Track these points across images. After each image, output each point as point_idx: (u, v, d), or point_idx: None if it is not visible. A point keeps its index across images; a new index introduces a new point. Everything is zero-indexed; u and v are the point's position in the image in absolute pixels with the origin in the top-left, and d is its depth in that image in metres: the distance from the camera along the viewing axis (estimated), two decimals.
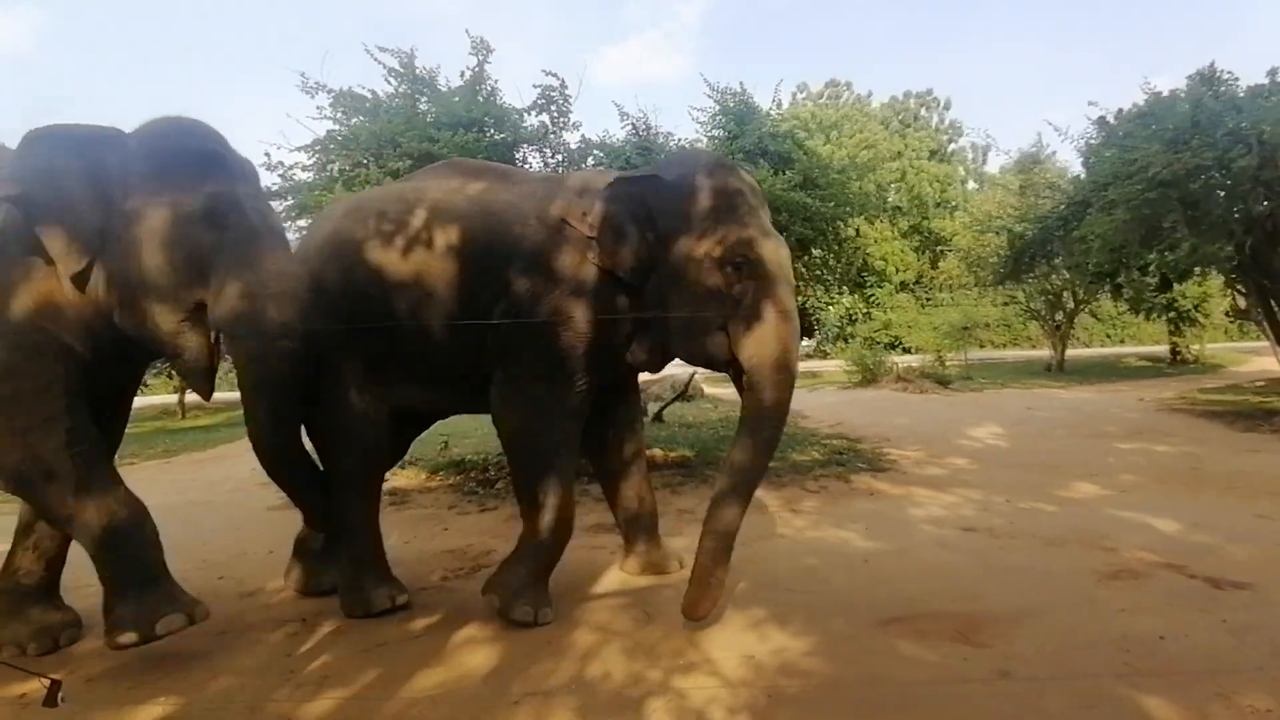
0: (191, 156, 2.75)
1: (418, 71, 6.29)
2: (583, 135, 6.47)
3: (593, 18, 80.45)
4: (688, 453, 7.38)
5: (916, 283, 29.67)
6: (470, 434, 8.93)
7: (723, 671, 2.55)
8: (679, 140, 6.80)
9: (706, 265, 3.01)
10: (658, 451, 7.34)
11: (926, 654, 2.66)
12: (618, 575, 3.71)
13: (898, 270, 29.26)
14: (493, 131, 6.13)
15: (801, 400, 7.71)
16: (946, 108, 32.51)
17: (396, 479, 6.61)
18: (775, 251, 3.06)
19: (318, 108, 5.98)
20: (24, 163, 2.61)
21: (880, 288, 28.76)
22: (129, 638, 2.59)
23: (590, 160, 6.50)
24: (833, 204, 6.28)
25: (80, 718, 2.37)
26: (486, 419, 3.54)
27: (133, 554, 2.71)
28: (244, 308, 2.65)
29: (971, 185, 31.70)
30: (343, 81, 6.21)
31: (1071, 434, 7.72)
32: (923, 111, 32.50)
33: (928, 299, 28.45)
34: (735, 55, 59.62)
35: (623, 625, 3.03)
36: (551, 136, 6.26)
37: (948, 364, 18.74)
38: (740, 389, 3.09)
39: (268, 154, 6.08)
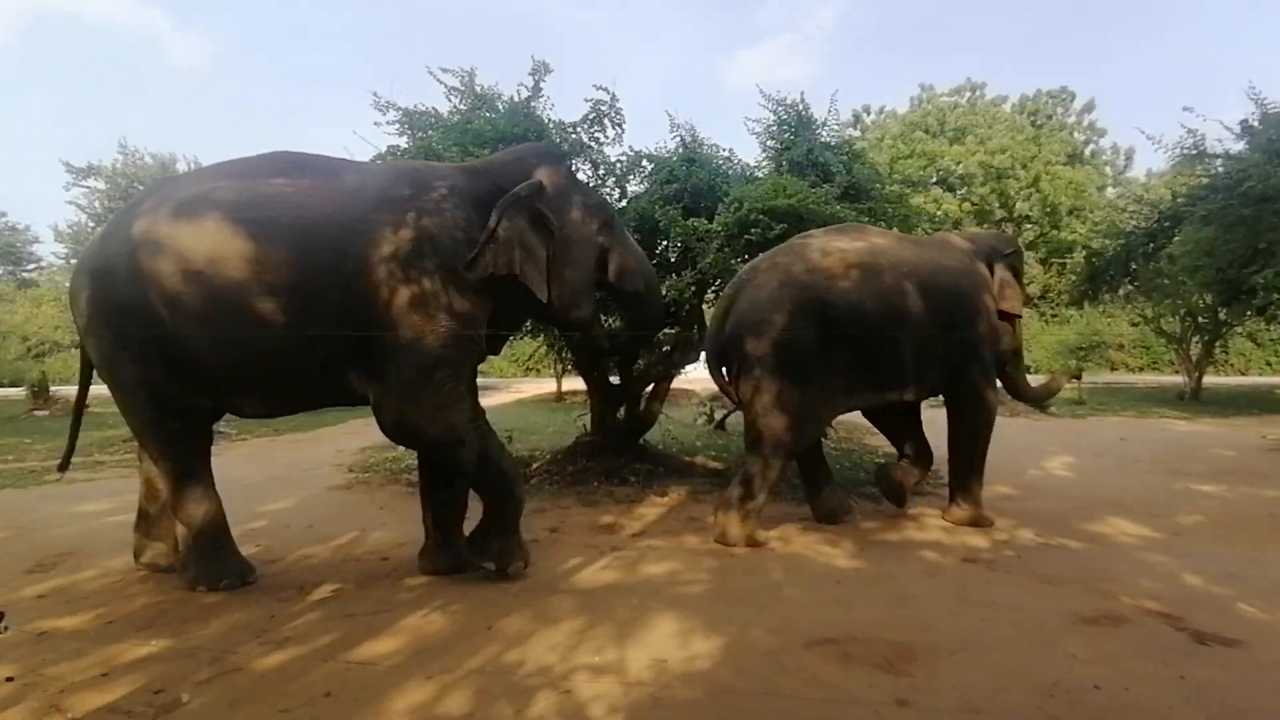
0: (577, 187, 4.19)
1: (477, 90, 6.71)
2: (630, 146, 6.69)
3: (727, 22, 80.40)
4: (729, 460, 7.43)
5: (1041, 297, 27.67)
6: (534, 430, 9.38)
7: (627, 672, 2.68)
8: (727, 150, 6.88)
9: None
10: (700, 459, 7.45)
11: (835, 675, 2.67)
12: (596, 574, 3.88)
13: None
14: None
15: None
16: (1089, 109, 30.07)
17: None
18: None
19: (389, 123, 6.51)
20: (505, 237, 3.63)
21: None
22: (516, 567, 3.75)
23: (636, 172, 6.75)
24: (875, 218, 6.13)
25: (75, 652, 2.85)
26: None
27: (514, 501, 3.76)
28: (633, 282, 4.25)
29: (1111, 191, 29.20)
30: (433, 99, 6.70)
31: (1152, 470, 7.08)
32: (1058, 110, 30.24)
33: (1052, 315, 26.48)
34: (870, 57, 57.89)
35: (565, 619, 3.21)
36: (595, 149, 6.50)
37: (1065, 387, 17.49)
38: None
39: None
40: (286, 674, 2.67)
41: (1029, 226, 28.98)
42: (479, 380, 4.66)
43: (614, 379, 7.28)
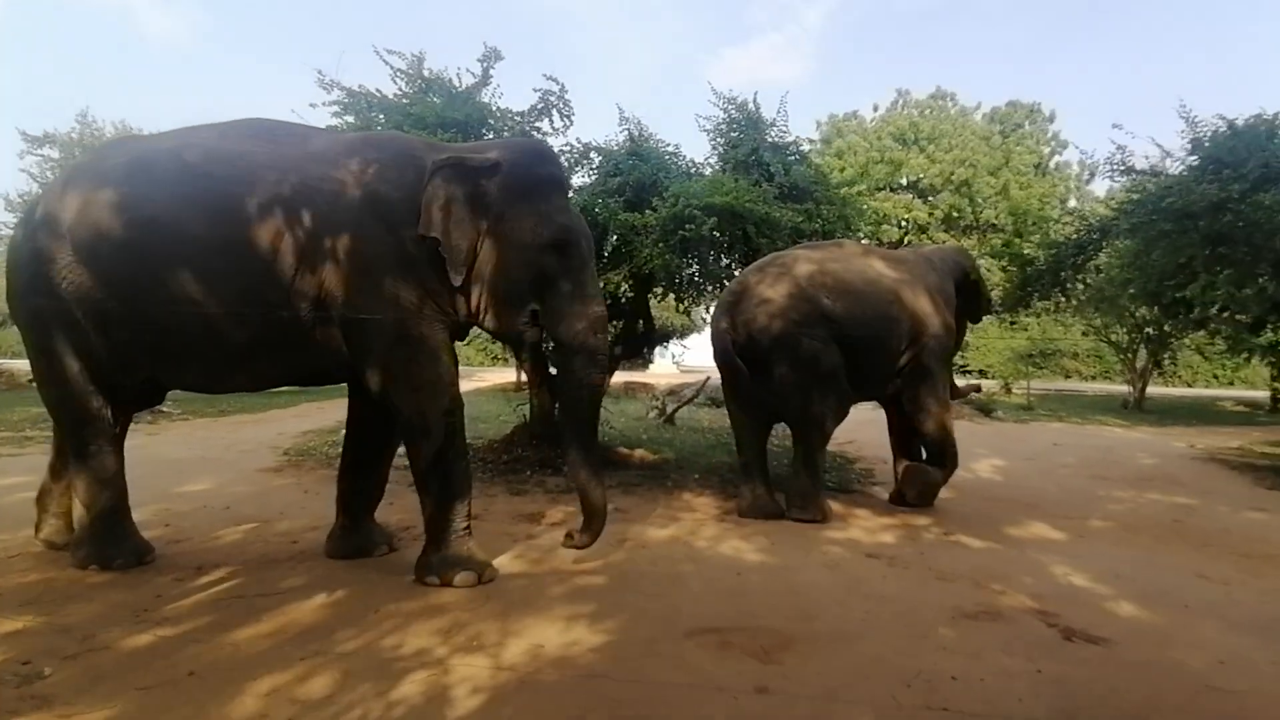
0: (539, 185, 3.57)
1: (425, 74, 6.67)
2: (577, 138, 6.70)
3: (715, 17, 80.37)
4: (669, 455, 7.49)
5: (1027, 305, 28.14)
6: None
7: (502, 656, 2.71)
8: (673, 145, 6.92)
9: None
10: (639, 452, 7.49)
11: (707, 663, 2.73)
12: (501, 563, 3.88)
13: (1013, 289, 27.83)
14: (490, 134, 6.43)
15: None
16: (1050, 119, 30.61)
17: None
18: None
19: (330, 102, 6.43)
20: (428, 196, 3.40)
21: (1024, 308, 27.40)
22: (463, 578, 3.46)
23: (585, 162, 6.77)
24: (817, 221, 6.22)
25: None
26: None
27: (447, 511, 3.52)
28: (576, 332, 3.52)
29: (1073, 203, 29.78)
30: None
31: (1076, 475, 7.30)
32: (1026, 124, 30.73)
33: (1012, 322, 26.99)
34: (855, 59, 58.31)
35: (454, 606, 3.22)
36: (539, 138, 6.49)
37: (1014, 392, 17.86)
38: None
39: None
40: (155, 653, 2.65)
41: (995, 235, 29.46)
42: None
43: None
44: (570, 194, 5.29)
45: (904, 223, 29.84)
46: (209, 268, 3.33)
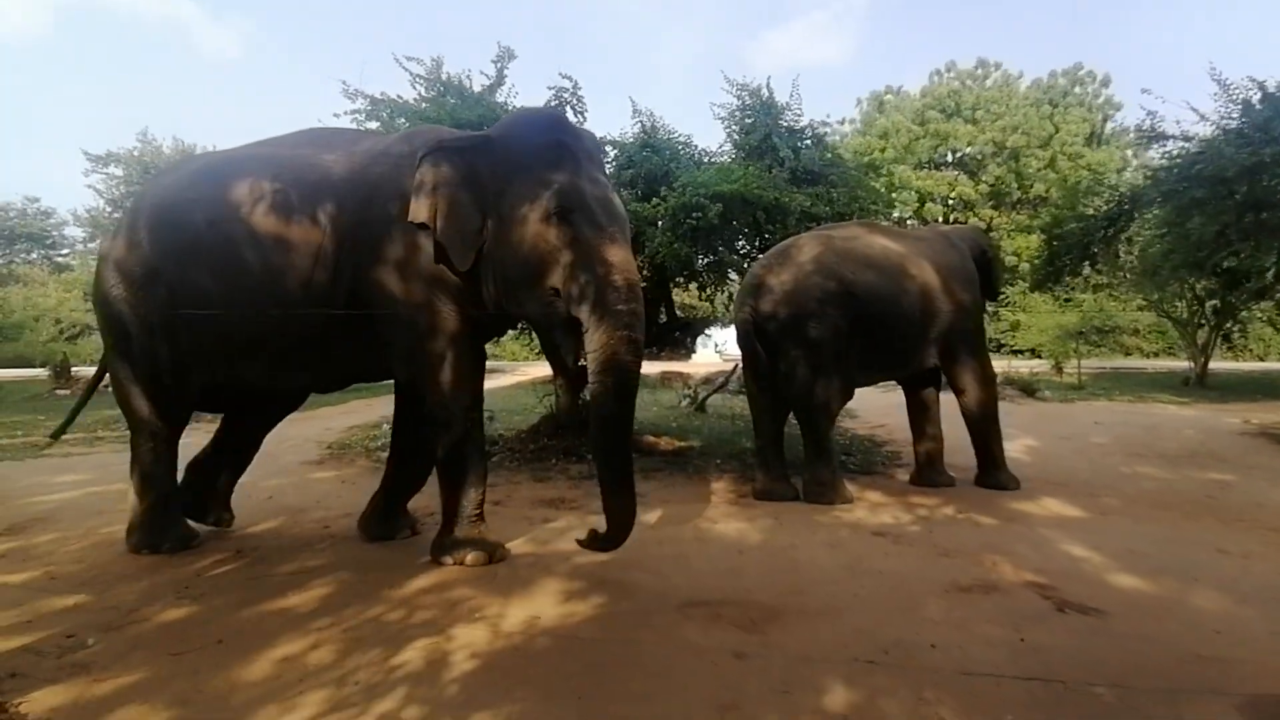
0: (540, 154, 3.37)
1: (444, 78, 6.90)
2: (603, 135, 6.85)
3: (756, 1, 78.87)
4: (695, 442, 7.60)
5: (1066, 281, 27.23)
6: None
7: (500, 625, 2.89)
8: (685, 135, 7.00)
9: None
10: (665, 439, 7.62)
11: (694, 632, 2.86)
12: (515, 545, 4.08)
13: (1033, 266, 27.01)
14: None
15: (863, 399, 7.69)
16: (1105, 84, 29.35)
17: None
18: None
19: (353, 111, 6.72)
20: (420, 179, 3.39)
21: (1012, 285, 26.68)
22: (475, 558, 3.62)
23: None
24: (826, 204, 6.22)
25: (10, 602, 3.15)
26: None
27: (458, 499, 3.67)
28: (596, 304, 3.16)
29: (1129, 173, 28.57)
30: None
31: (1109, 453, 7.12)
32: (1075, 89, 29.55)
33: (1067, 299, 26.10)
34: (901, 36, 56.71)
35: (463, 582, 3.42)
36: None
37: (1066, 372, 17.30)
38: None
39: None
40: (189, 624, 2.93)
41: (1046, 209, 28.50)
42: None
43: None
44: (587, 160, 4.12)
45: (950, 200, 29.15)
46: (263, 269, 3.59)
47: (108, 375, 4.18)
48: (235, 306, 3.63)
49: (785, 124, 7.03)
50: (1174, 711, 2.31)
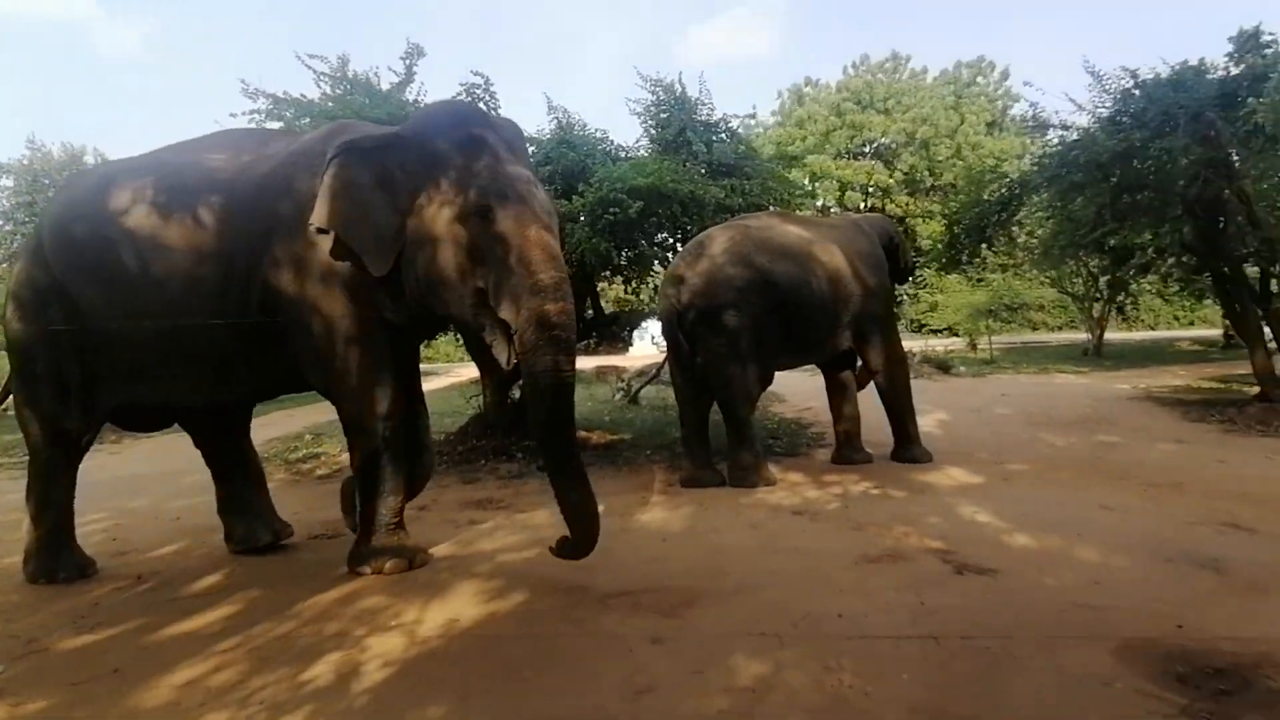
0: (456, 149, 3.20)
1: (350, 76, 6.72)
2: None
3: None
4: (627, 435, 7.67)
5: (969, 263, 28.52)
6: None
7: (417, 632, 2.87)
8: (602, 131, 7.03)
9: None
10: (596, 434, 7.66)
11: (612, 622, 2.91)
12: (439, 549, 4.03)
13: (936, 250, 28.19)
14: None
15: (788, 381, 7.87)
16: (1004, 76, 30.86)
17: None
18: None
19: (252, 111, 6.47)
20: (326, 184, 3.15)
21: (927, 269, 27.80)
22: (395, 564, 3.56)
23: None
24: (739, 196, 6.37)
25: None
26: None
27: (370, 510, 3.56)
28: (521, 306, 3.02)
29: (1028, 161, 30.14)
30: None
31: (1013, 422, 7.57)
32: (978, 79, 30.97)
33: (979, 279, 27.37)
34: (823, 30, 57.91)
35: (380, 590, 3.37)
36: None
37: (980, 348, 18.20)
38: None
39: None
40: (86, 653, 2.80)
41: (956, 196, 29.75)
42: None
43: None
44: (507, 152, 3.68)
45: (869, 189, 30.11)
46: (164, 283, 3.44)
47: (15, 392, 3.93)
48: (139, 322, 3.47)
49: (700, 118, 7.13)
50: (1052, 659, 2.49)
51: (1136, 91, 6.64)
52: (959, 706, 2.21)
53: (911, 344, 16.91)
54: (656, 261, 7.39)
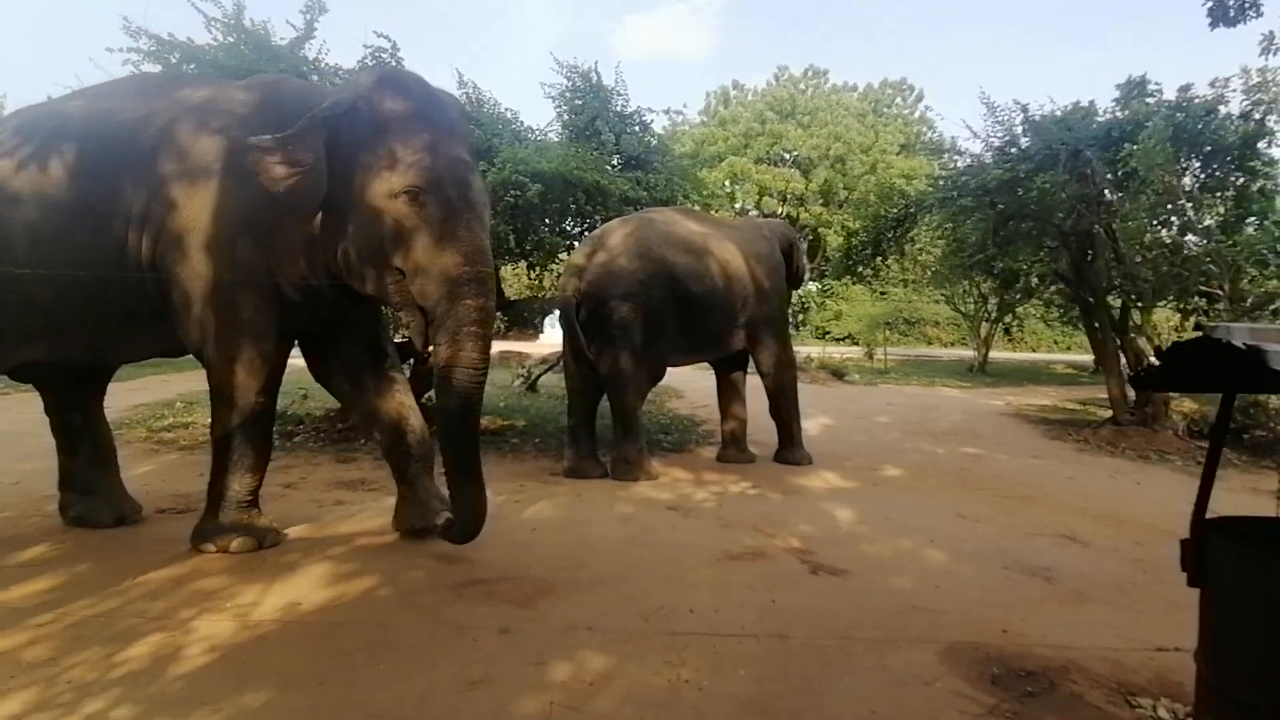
0: (398, 124, 3.09)
1: (246, 25, 6.30)
2: None
3: None
4: (520, 422, 7.56)
5: (875, 275, 29.76)
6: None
7: (251, 615, 2.73)
8: (510, 111, 6.88)
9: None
10: (486, 419, 7.51)
11: (460, 611, 2.85)
12: (297, 530, 3.85)
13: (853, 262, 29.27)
14: None
15: (687, 378, 7.86)
16: (919, 99, 32.28)
17: None
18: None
19: (133, 50, 5.97)
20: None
21: (837, 279, 28.83)
22: (241, 544, 3.39)
23: None
24: (644, 190, 6.37)
25: None
26: None
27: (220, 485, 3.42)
28: (436, 295, 3.01)
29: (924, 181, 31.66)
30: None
31: (890, 431, 7.94)
32: (898, 100, 32.28)
33: (883, 293, 28.63)
34: (758, 34, 58.70)
35: (223, 570, 3.19)
36: None
37: (875, 358, 19.04)
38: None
39: (49, 98, 6.19)
40: None
41: (868, 209, 30.94)
42: None
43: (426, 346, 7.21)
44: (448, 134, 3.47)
45: (785, 195, 30.87)
46: (71, 235, 3.26)
47: None
48: (43, 276, 3.23)
49: (615, 109, 7.08)
50: (882, 658, 2.61)
51: (1024, 126, 7.09)
52: (786, 702, 2.27)
53: (811, 350, 17.62)
54: (563, 251, 7.31)
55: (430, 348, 3.22)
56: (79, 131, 3.35)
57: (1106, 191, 7.23)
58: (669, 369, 5.82)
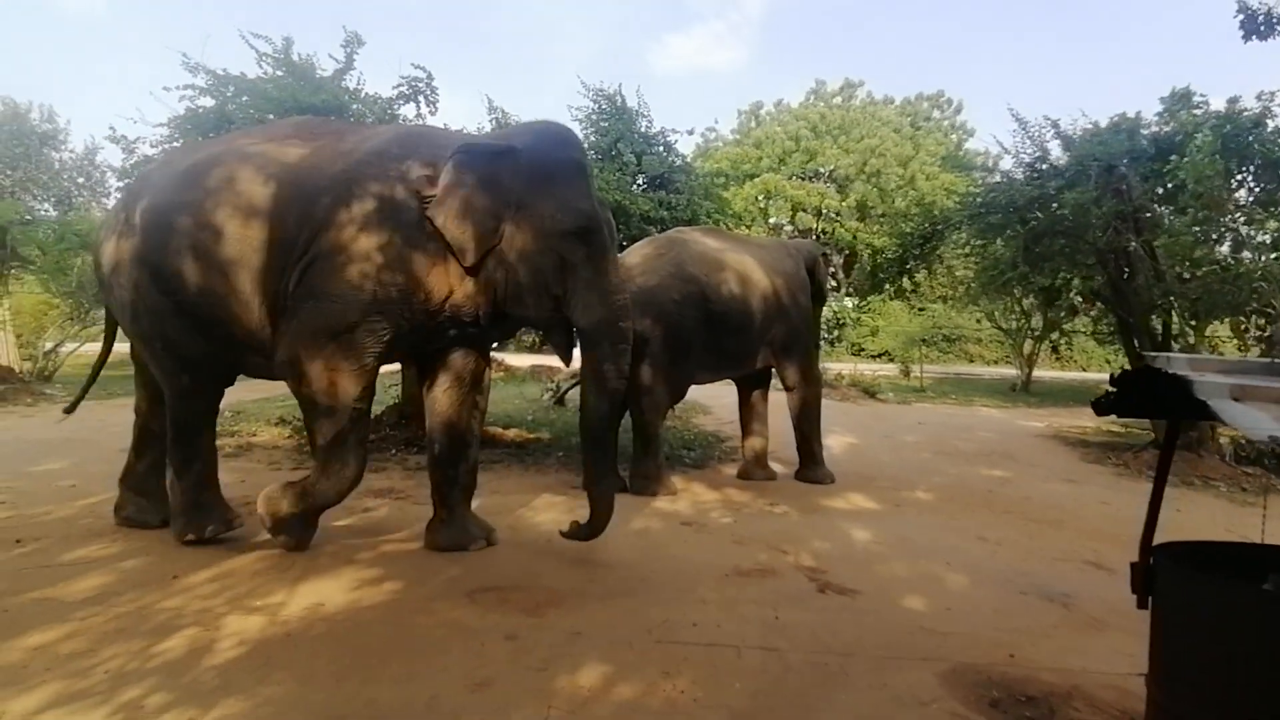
0: (565, 172, 3.54)
1: (294, 59, 6.66)
2: (444, 125, 6.80)
3: (657, 2, 78.92)
4: (545, 435, 7.71)
5: (914, 291, 29.31)
6: None
7: (279, 613, 2.91)
8: None
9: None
10: (513, 432, 7.69)
11: (472, 616, 2.99)
12: (322, 534, 4.02)
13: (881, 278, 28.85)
14: (353, 119, 6.49)
15: (714, 394, 7.90)
16: (958, 110, 31.85)
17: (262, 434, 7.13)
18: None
19: (190, 86, 6.36)
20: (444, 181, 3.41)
21: (873, 294, 28.47)
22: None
23: None
24: (665, 210, 6.50)
25: None
26: None
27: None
28: (597, 317, 3.51)
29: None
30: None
31: (920, 450, 7.86)
32: (935, 113, 31.92)
33: (920, 309, 28.17)
34: (795, 49, 58.69)
35: (257, 570, 3.39)
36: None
37: (911, 376, 18.76)
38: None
39: (112, 128, 6.65)
40: None
41: (906, 223, 30.53)
42: None
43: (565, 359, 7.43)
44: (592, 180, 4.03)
45: (821, 211, 30.70)
46: (250, 264, 3.50)
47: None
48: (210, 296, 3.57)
49: (639, 130, 7.25)
50: (881, 677, 2.65)
51: (1056, 141, 7.02)
52: (778, 716, 2.34)
53: (843, 366, 17.44)
54: None
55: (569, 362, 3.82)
56: (251, 170, 3.58)
57: (1146, 207, 7.08)
58: (693, 386, 5.92)
